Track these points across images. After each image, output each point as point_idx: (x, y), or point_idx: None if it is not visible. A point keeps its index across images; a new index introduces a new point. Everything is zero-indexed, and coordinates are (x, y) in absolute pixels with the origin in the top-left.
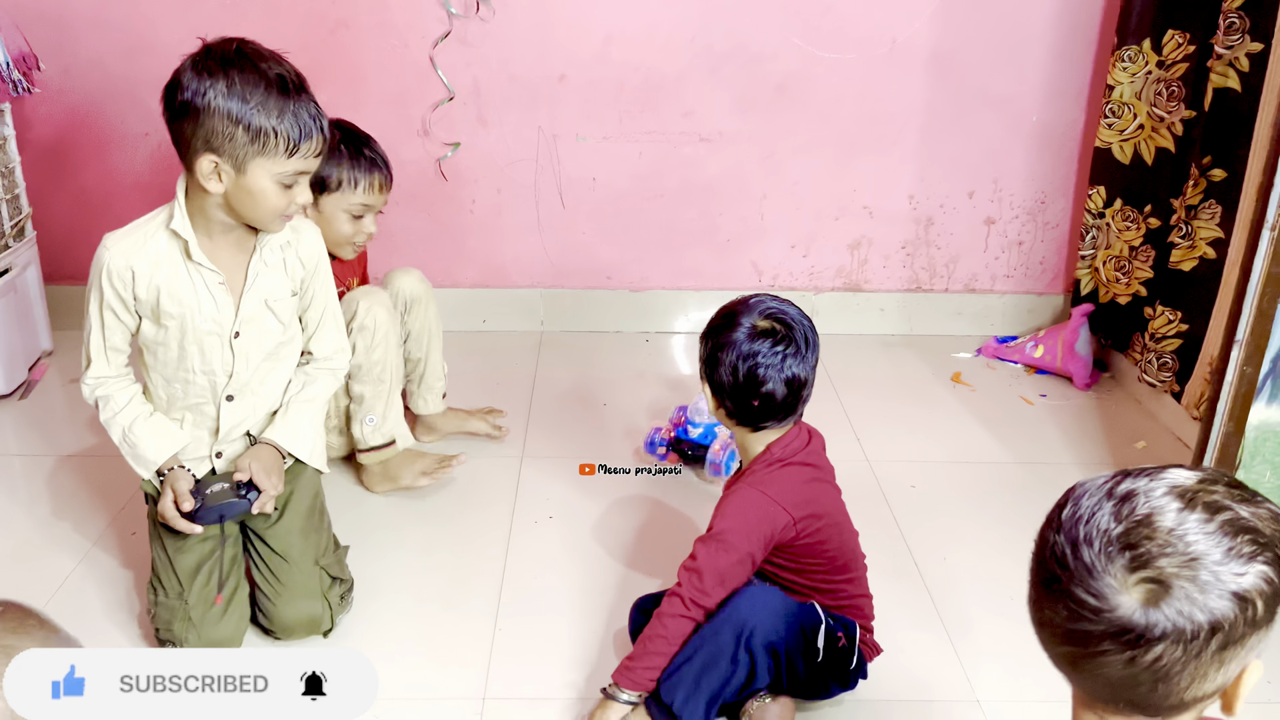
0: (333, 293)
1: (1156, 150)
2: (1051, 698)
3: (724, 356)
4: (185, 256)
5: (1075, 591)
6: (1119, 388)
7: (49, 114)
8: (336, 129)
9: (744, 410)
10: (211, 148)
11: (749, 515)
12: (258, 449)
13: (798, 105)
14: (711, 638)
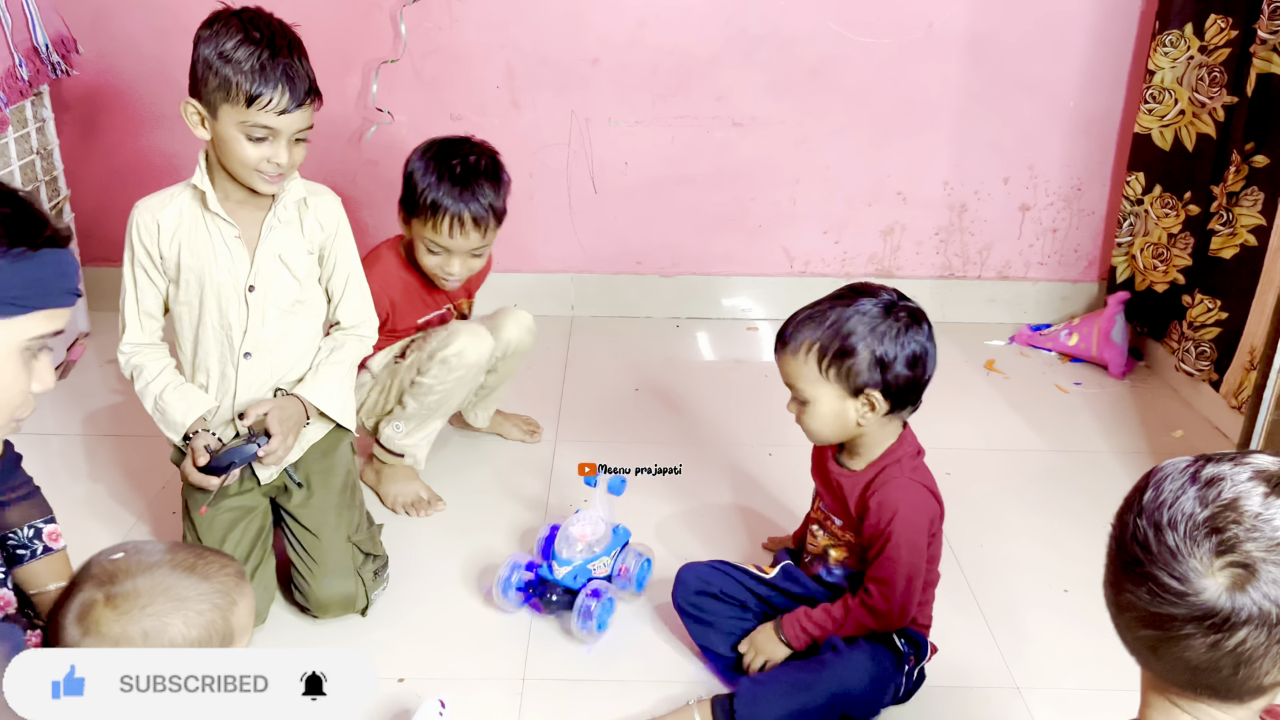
0: (356, 260)
1: (1197, 136)
2: (1091, 685)
3: (894, 350)
4: (203, 208)
5: (1159, 575)
6: (1155, 376)
7: (86, 96)
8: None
9: (910, 397)
10: (194, 91)
11: (916, 512)
12: (283, 400)
13: (831, 89)
14: (806, 690)
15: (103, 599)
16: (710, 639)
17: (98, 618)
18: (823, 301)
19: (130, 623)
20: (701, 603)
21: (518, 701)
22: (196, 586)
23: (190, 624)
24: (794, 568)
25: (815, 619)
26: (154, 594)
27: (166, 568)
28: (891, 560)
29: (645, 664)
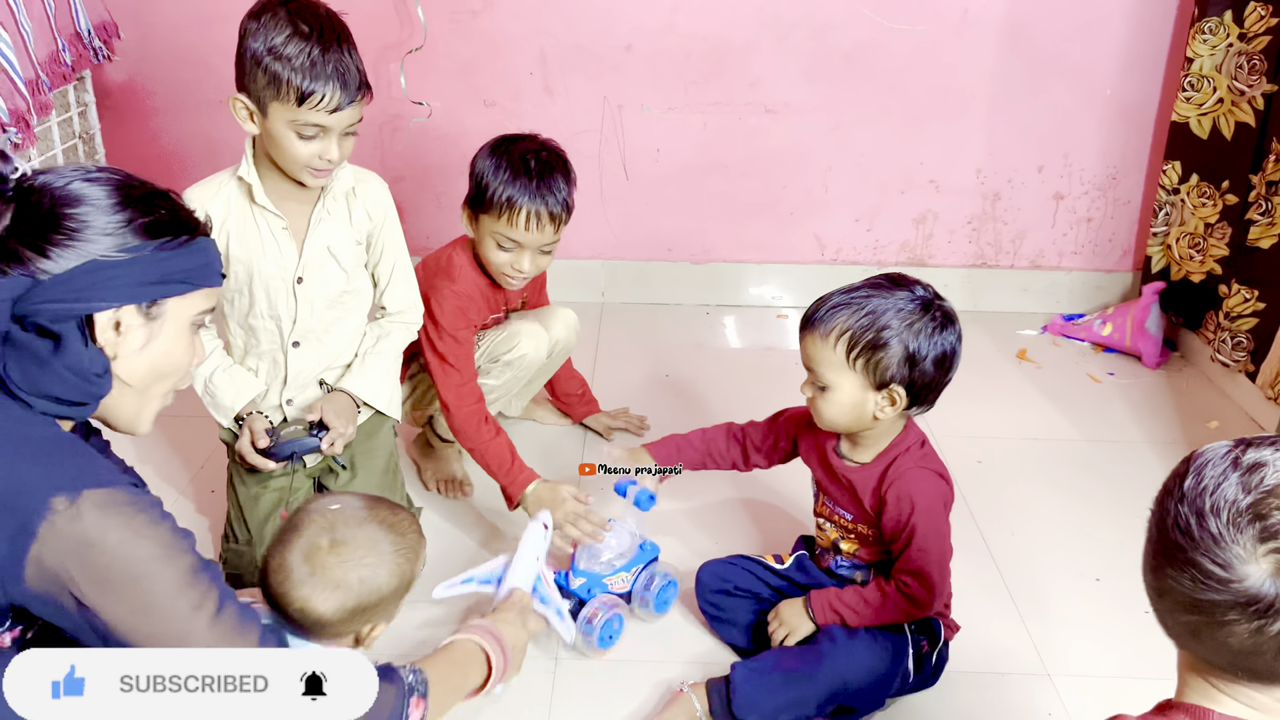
0: (403, 246)
1: (1236, 125)
2: (1122, 673)
3: (926, 348)
4: (251, 201)
5: (1201, 562)
6: (1190, 367)
7: (127, 81)
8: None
9: (930, 396)
10: (243, 86)
11: (934, 500)
12: (332, 395)
13: (865, 76)
14: (805, 681)
15: (327, 544)
16: (732, 635)
17: (324, 561)
18: (858, 288)
19: (349, 570)
20: (719, 601)
21: (550, 680)
22: (396, 543)
23: (392, 574)
24: (807, 559)
25: (847, 601)
26: (367, 547)
27: (374, 524)
28: (923, 552)
29: (669, 646)
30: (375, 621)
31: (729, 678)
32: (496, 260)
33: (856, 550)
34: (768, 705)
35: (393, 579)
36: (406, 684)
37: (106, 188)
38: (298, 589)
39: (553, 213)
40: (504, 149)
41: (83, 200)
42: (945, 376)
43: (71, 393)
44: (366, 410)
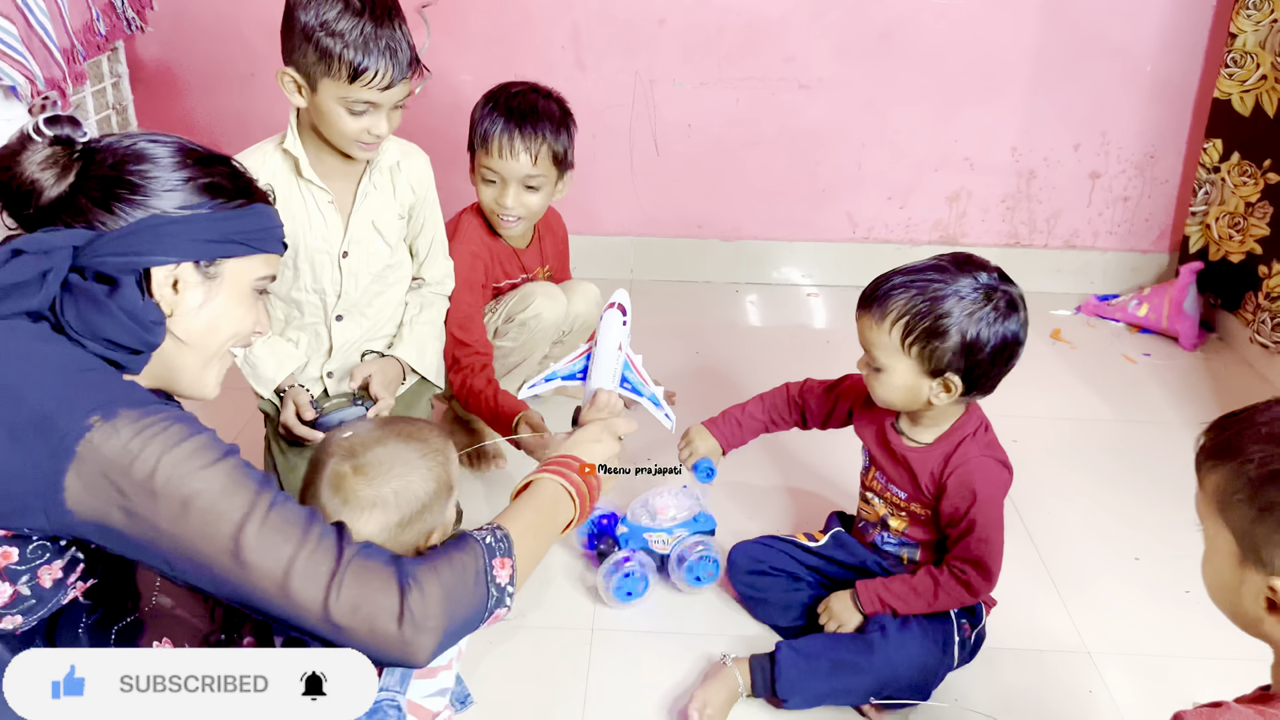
0: (441, 220)
1: (1279, 102)
2: (1164, 652)
3: (986, 339)
4: (296, 174)
5: None
6: (1228, 349)
7: (160, 54)
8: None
9: (988, 385)
10: (292, 61)
11: (995, 489)
12: (383, 362)
13: (901, 53)
14: (853, 671)
15: (350, 470)
16: (770, 614)
17: (352, 486)
18: (920, 269)
19: (381, 485)
20: (755, 581)
21: (587, 650)
22: (420, 449)
23: (426, 479)
24: (845, 534)
25: (897, 592)
26: (392, 461)
27: (393, 439)
28: (984, 542)
29: (711, 618)
30: (428, 530)
31: (774, 656)
32: (485, 198)
33: (906, 528)
34: (812, 690)
35: (428, 483)
36: (485, 545)
37: (169, 147)
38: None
39: (526, 145)
40: (496, 94)
41: (145, 158)
42: (1006, 366)
43: (125, 337)
44: (411, 378)
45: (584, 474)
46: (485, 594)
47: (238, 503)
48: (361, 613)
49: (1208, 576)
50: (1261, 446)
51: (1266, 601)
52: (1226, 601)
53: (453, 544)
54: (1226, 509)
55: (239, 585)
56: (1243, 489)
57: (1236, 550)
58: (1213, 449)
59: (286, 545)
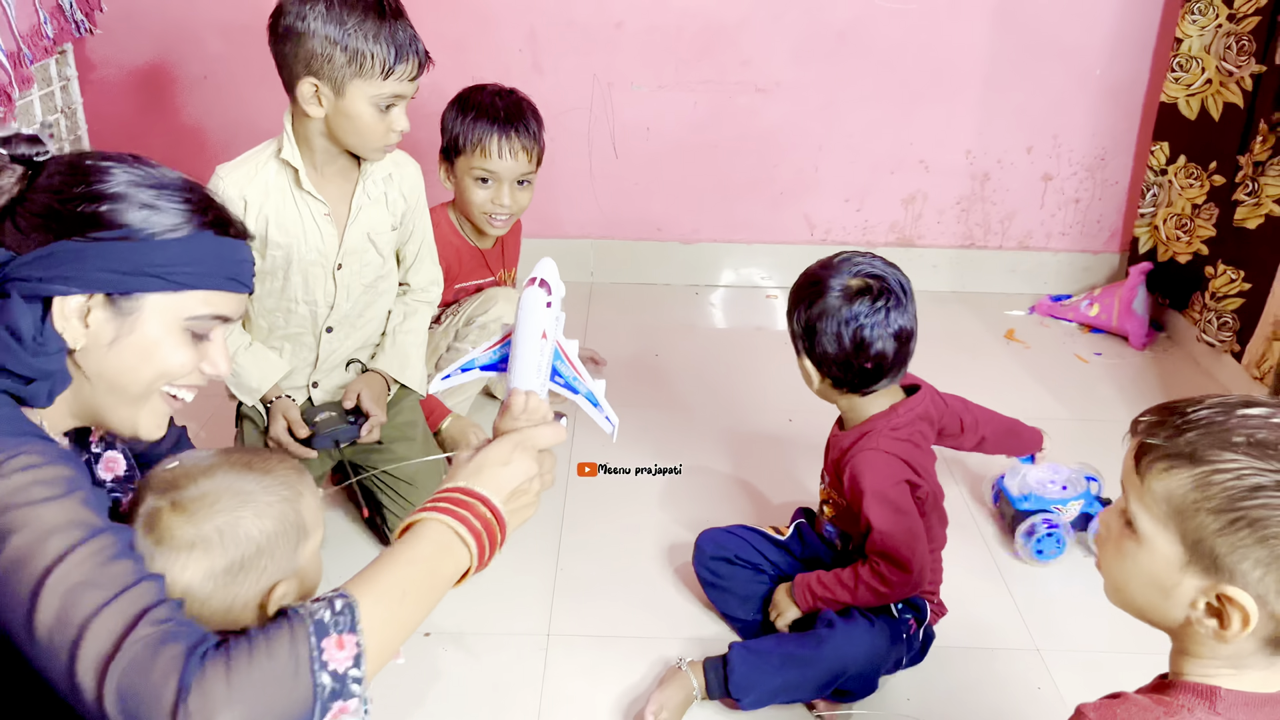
0: (429, 226)
1: (1224, 106)
2: (1110, 648)
3: (823, 326)
4: (294, 186)
5: None
6: (1176, 347)
7: (110, 56)
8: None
9: (855, 377)
10: (311, 70)
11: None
12: (369, 377)
13: (857, 56)
14: (803, 664)
15: (168, 505)
16: (729, 604)
17: (167, 524)
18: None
19: (202, 522)
20: (718, 568)
21: (543, 655)
22: (259, 480)
23: (261, 515)
24: (806, 528)
25: (825, 583)
26: (219, 493)
27: (224, 468)
28: (884, 534)
29: (668, 621)
30: (271, 580)
31: (726, 657)
32: (477, 200)
33: (833, 516)
34: (765, 686)
35: (264, 520)
36: (315, 621)
37: (118, 167)
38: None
39: (524, 142)
40: (469, 97)
41: (83, 177)
42: (862, 358)
43: (13, 362)
44: (394, 385)
45: (482, 510)
46: (312, 686)
47: (59, 541)
48: (129, 706)
49: (1126, 575)
50: (1236, 457)
51: (1208, 607)
52: (1146, 600)
53: (274, 623)
54: (1183, 516)
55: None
56: (1212, 499)
57: (1181, 555)
58: (1171, 452)
59: (87, 603)
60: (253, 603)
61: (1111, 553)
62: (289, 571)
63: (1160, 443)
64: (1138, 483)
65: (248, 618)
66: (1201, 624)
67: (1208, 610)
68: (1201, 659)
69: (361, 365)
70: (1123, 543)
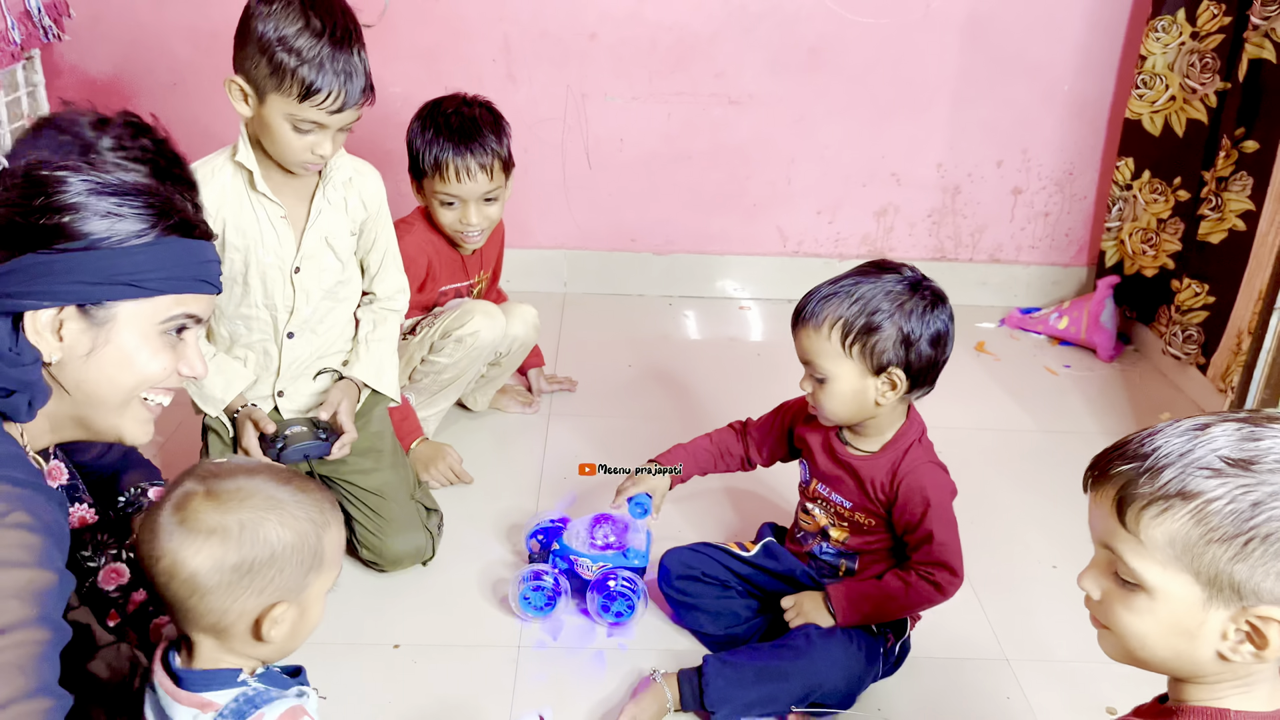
0: (393, 234)
1: (1188, 122)
2: (1078, 658)
3: (935, 329)
4: (249, 188)
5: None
6: (1143, 360)
7: (78, 62)
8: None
9: (929, 377)
10: (242, 69)
11: (945, 494)
12: (346, 387)
13: (830, 69)
14: (780, 678)
15: (203, 492)
16: (699, 621)
17: (196, 507)
18: (844, 276)
19: (227, 513)
20: (685, 587)
21: (513, 669)
22: (295, 495)
23: (285, 525)
24: (775, 545)
25: (871, 596)
26: (253, 493)
27: (267, 474)
28: (944, 545)
29: (634, 634)
30: (273, 598)
31: (701, 669)
32: (446, 219)
33: (847, 538)
34: (740, 699)
35: (286, 530)
36: None
37: (73, 176)
38: (163, 542)
39: (481, 163)
40: (428, 114)
41: (40, 188)
42: (942, 355)
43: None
44: (364, 392)
45: None
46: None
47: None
48: None
49: (1143, 630)
50: (1224, 480)
51: (1242, 634)
52: (1171, 650)
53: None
54: (1192, 554)
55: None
56: (1218, 528)
57: (1201, 595)
58: (1155, 497)
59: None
60: (249, 614)
61: (1120, 614)
62: (293, 595)
63: (1143, 490)
64: (1129, 536)
65: (239, 629)
66: (1237, 652)
67: (1240, 636)
68: (1208, 683)
69: (337, 374)
70: (1132, 601)
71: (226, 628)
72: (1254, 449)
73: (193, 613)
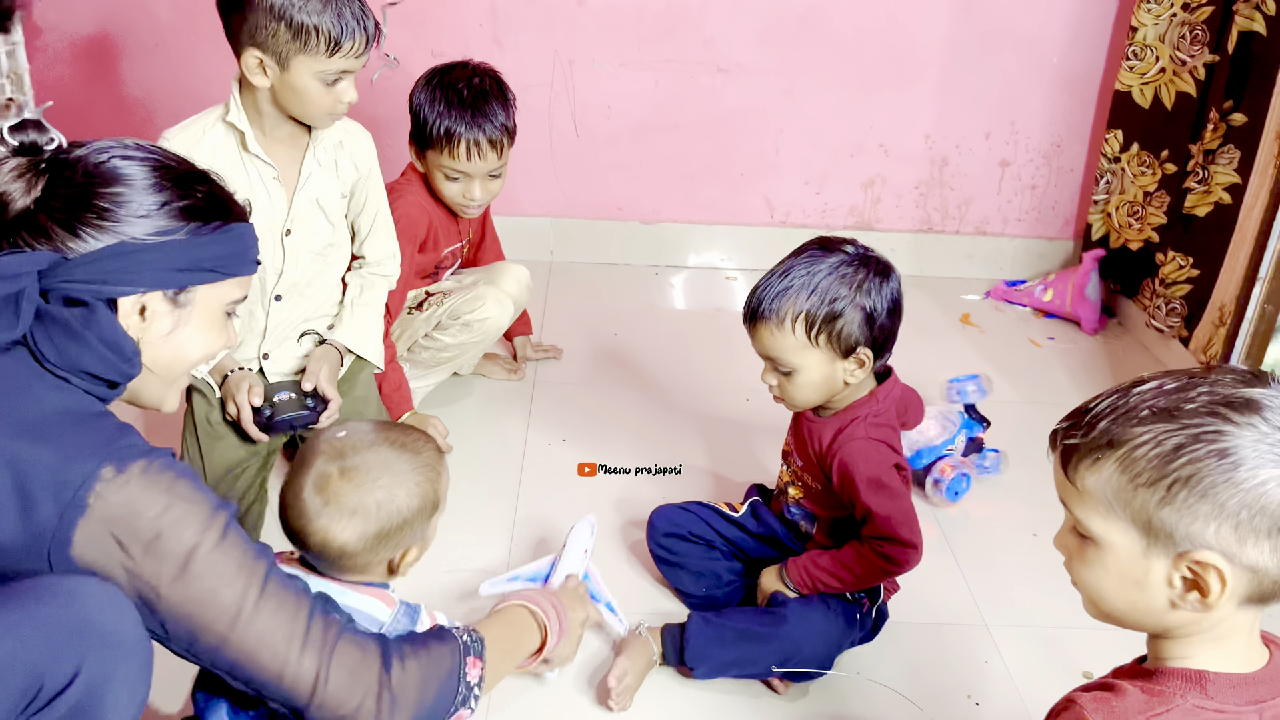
0: (385, 197)
1: (1177, 94)
2: (1055, 623)
3: (890, 301)
4: (241, 149)
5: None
6: (1126, 333)
7: (57, 21)
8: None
9: (890, 345)
10: (256, 42)
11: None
12: (326, 352)
13: (819, 38)
14: (759, 641)
15: (337, 472)
16: (681, 579)
17: (336, 489)
18: (792, 265)
19: (365, 494)
20: (671, 544)
21: None
22: (411, 461)
23: (412, 494)
24: (761, 505)
25: (824, 566)
26: (380, 469)
27: (385, 445)
28: (887, 519)
29: (620, 594)
30: (405, 546)
31: (684, 625)
32: (449, 192)
33: (800, 498)
34: (718, 659)
35: (413, 499)
36: (462, 642)
37: (145, 167)
38: (314, 521)
39: (492, 139)
40: (437, 81)
41: (117, 179)
42: (899, 321)
43: (103, 369)
44: (348, 358)
45: (556, 623)
46: (455, 689)
47: (239, 576)
48: (345, 695)
49: (1099, 583)
50: (1148, 427)
51: (1185, 581)
52: (1127, 601)
53: (433, 635)
54: (1124, 502)
55: (233, 661)
56: (1142, 473)
57: (1140, 542)
58: (1089, 447)
59: (281, 630)
60: (386, 560)
61: (1079, 569)
62: (420, 540)
63: (1079, 441)
64: (1073, 489)
65: (378, 570)
66: (1184, 601)
67: (1185, 585)
68: (1184, 639)
69: (319, 337)
70: (1085, 554)
71: (366, 568)
72: (1180, 398)
73: (340, 567)
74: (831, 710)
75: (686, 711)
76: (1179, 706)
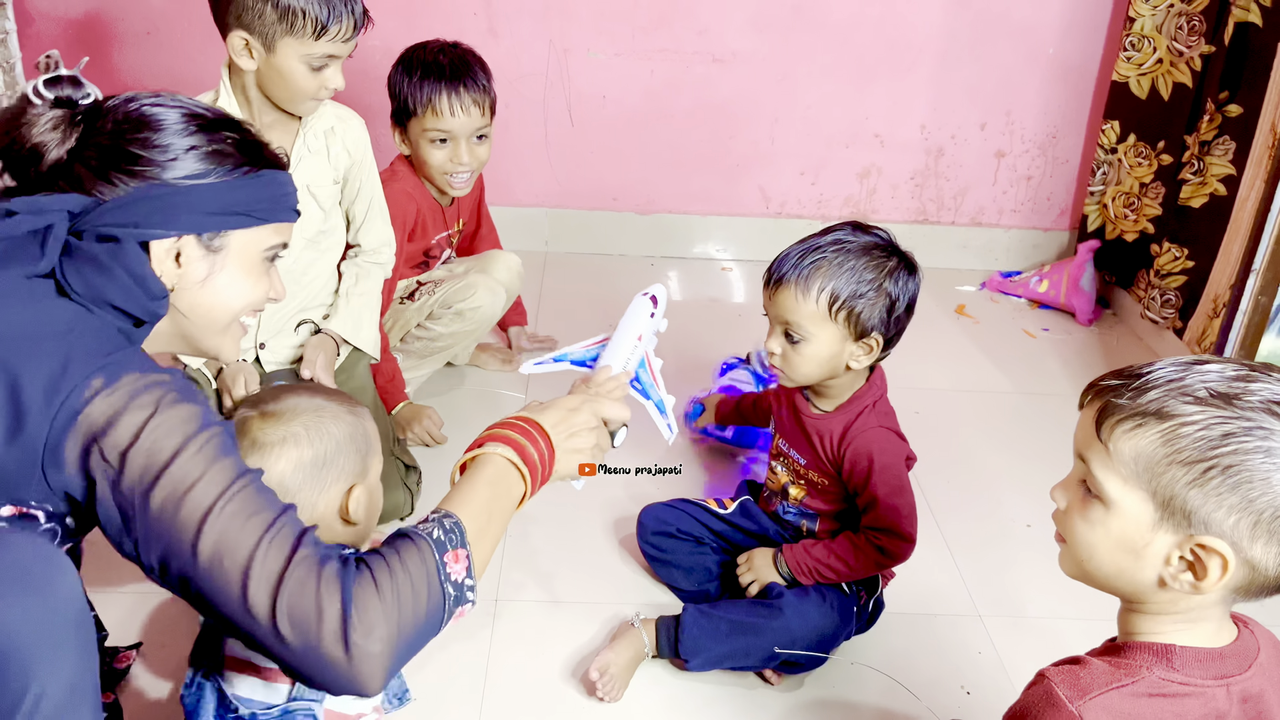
0: (379, 184)
1: (1173, 85)
2: (1049, 614)
3: (902, 295)
4: None
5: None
6: (1121, 324)
7: (49, 8)
8: (444, 54)
9: (897, 339)
10: (243, 24)
11: (892, 459)
12: (322, 341)
13: (814, 27)
14: (753, 633)
15: (257, 414)
16: (673, 576)
17: (257, 428)
18: (827, 240)
19: (287, 425)
20: (660, 542)
21: (490, 621)
22: (329, 400)
23: (338, 419)
24: (751, 504)
25: (819, 558)
26: (301, 407)
27: (300, 391)
28: (891, 509)
29: (613, 588)
30: (346, 481)
31: (679, 618)
32: (435, 160)
33: (804, 497)
34: (713, 651)
35: (340, 423)
36: (433, 541)
37: (175, 112)
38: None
39: (474, 96)
40: (413, 56)
41: (148, 124)
42: (909, 321)
43: (129, 303)
44: (345, 348)
45: (539, 439)
46: (441, 596)
47: (212, 483)
48: (299, 616)
49: (1093, 542)
50: (1202, 408)
51: (1184, 561)
52: (1116, 566)
53: (398, 542)
54: (1153, 473)
55: (203, 581)
56: (1183, 450)
57: (1153, 515)
58: (1134, 411)
59: (248, 537)
60: (334, 503)
61: (1076, 523)
62: (361, 478)
63: (1124, 403)
64: (1101, 447)
65: (330, 518)
66: (1176, 579)
67: (1182, 565)
68: (1155, 616)
69: (315, 326)
70: (1087, 511)
71: (319, 518)
72: (1241, 387)
73: None
74: (825, 699)
75: (680, 701)
76: (1144, 679)
